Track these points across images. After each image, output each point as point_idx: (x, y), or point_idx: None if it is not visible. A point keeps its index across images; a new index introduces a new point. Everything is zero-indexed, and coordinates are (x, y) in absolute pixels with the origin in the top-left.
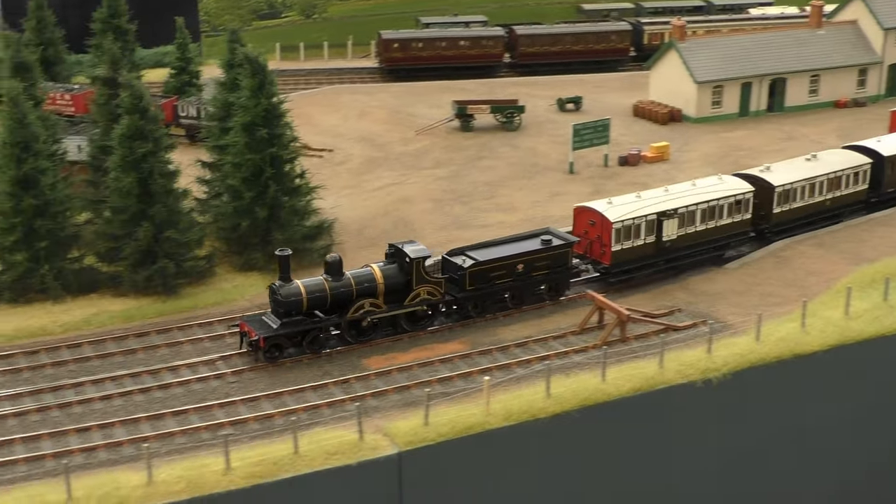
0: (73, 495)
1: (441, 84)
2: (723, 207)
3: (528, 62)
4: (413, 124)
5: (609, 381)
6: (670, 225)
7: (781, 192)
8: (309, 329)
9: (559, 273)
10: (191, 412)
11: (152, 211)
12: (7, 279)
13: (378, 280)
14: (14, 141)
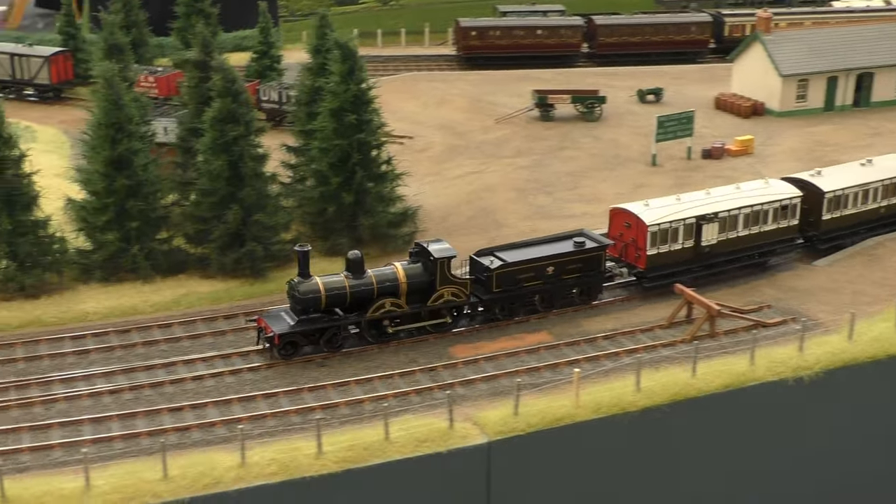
0: (169, 474)
1: (518, 73)
2: (767, 213)
3: (607, 52)
4: (492, 113)
5: (699, 377)
6: (710, 229)
7: (832, 198)
8: (326, 327)
9: (591, 277)
10: (281, 395)
11: (242, 194)
12: (99, 258)
13: (401, 279)
14: (108, 122)
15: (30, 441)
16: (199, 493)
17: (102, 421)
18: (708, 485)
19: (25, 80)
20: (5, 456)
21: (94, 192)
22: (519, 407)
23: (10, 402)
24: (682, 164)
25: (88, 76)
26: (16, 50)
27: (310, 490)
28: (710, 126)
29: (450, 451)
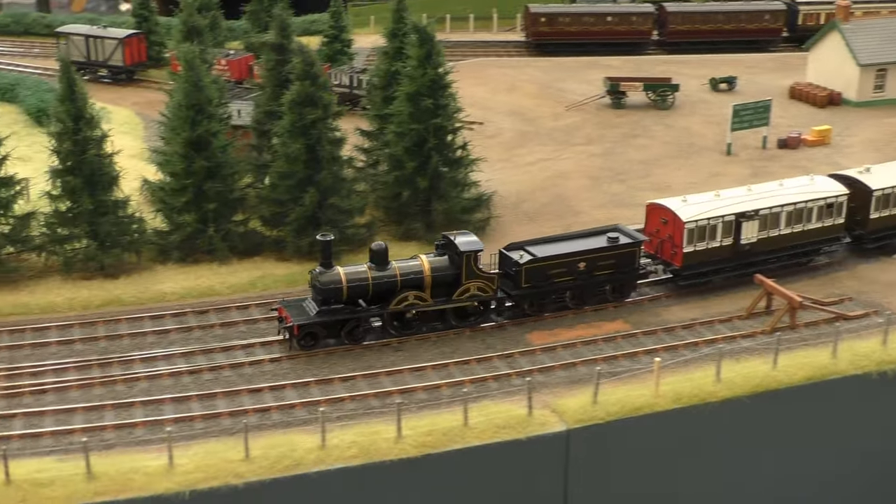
0: (251, 454)
1: (588, 60)
2: (811, 210)
3: (677, 40)
4: (562, 99)
5: (780, 369)
6: (750, 227)
7: (880, 196)
8: (347, 319)
9: (625, 273)
10: (358, 378)
11: (318, 177)
12: (176, 239)
13: (425, 272)
14: (189, 103)
15: (113, 419)
16: (280, 475)
17: (183, 400)
18: (787, 478)
19: (100, 62)
20: (91, 433)
21: (172, 173)
22: (598, 395)
23: (94, 379)
24: (757, 154)
25: (161, 58)
26: (91, 32)
27: (389, 474)
28: (784, 115)
29: (529, 438)
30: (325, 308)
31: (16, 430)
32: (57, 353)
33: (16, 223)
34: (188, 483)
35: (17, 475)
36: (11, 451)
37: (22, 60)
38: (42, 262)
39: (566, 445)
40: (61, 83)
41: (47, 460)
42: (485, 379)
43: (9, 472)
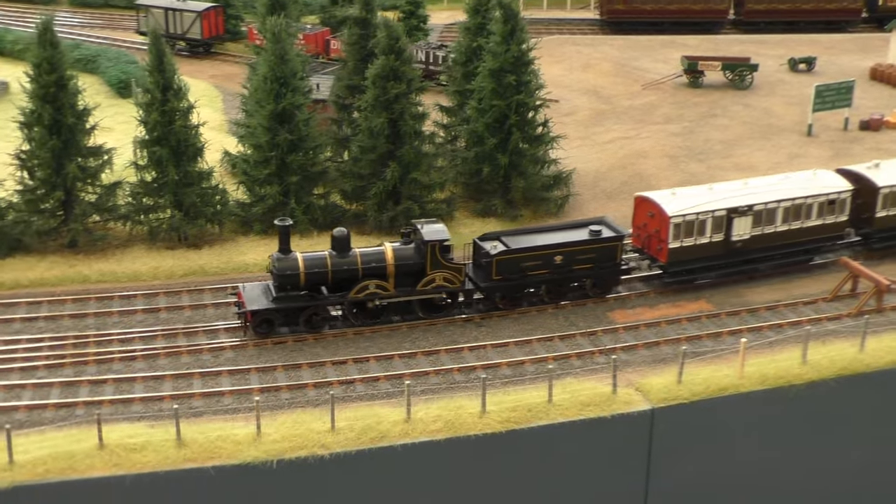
0: (336, 425)
1: (663, 39)
2: (811, 207)
3: (754, 20)
4: (638, 78)
5: (868, 352)
6: (742, 223)
7: (888, 193)
8: (304, 307)
9: (606, 269)
10: (441, 353)
11: (400, 152)
12: (258, 211)
13: (388, 261)
14: (274, 76)
15: (201, 387)
16: (365, 446)
17: (268, 371)
18: (872, 464)
19: (178, 35)
20: (180, 400)
21: (256, 145)
22: (683, 375)
23: (181, 348)
24: (839, 136)
25: (238, 31)
26: (170, 5)
27: (474, 448)
28: (865, 97)
29: (613, 417)
30: (281, 294)
31: (107, 396)
32: (143, 320)
33: (102, 192)
34: (275, 452)
35: (109, 440)
36: (104, 416)
37: (101, 32)
38: (127, 231)
39: (650, 424)
40: (150, 54)
41: (138, 426)
42: (568, 356)
43: (102, 436)
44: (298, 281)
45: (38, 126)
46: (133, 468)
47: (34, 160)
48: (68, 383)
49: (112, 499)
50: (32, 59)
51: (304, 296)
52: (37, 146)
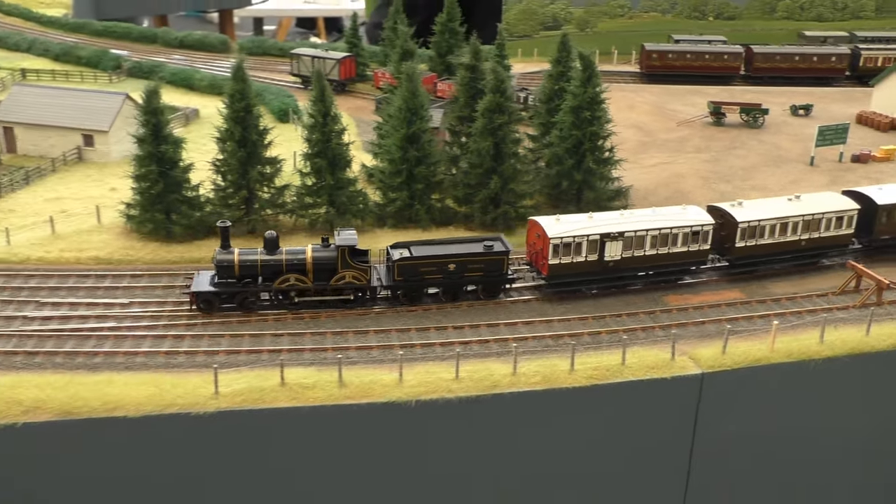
0: (459, 375)
1: (689, 88)
2: (677, 236)
3: (760, 75)
4: (672, 117)
5: (872, 336)
6: (613, 246)
7: (745, 227)
8: (238, 292)
9: (493, 277)
10: (536, 323)
11: (502, 168)
12: (392, 210)
13: (308, 259)
14: (407, 107)
15: (355, 342)
16: (483, 392)
17: (405, 332)
18: (877, 426)
19: None
20: (341, 351)
21: (390, 160)
22: (727, 347)
23: (336, 311)
24: (835, 166)
25: (365, 75)
26: (316, 53)
27: (565, 398)
28: (853, 136)
29: (673, 378)
30: (220, 281)
31: (284, 346)
32: None
33: (275, 192)
34: (414, 394)
35: (288, 379)
36: (283, 361)
37: (261, 73)
38: (292, 222)
39: (700, 386)
40: (315, 89)
41: (309, 370)
42: (634, 329)
43: (283, 376)
44: (233, 271)
45: (230, 141)
46: (307, 401)
47: (226, 167)
48: (255, 335)
49: (292, 424)
50: (228, 91)
51: (237, 283)
52: (228, 156)
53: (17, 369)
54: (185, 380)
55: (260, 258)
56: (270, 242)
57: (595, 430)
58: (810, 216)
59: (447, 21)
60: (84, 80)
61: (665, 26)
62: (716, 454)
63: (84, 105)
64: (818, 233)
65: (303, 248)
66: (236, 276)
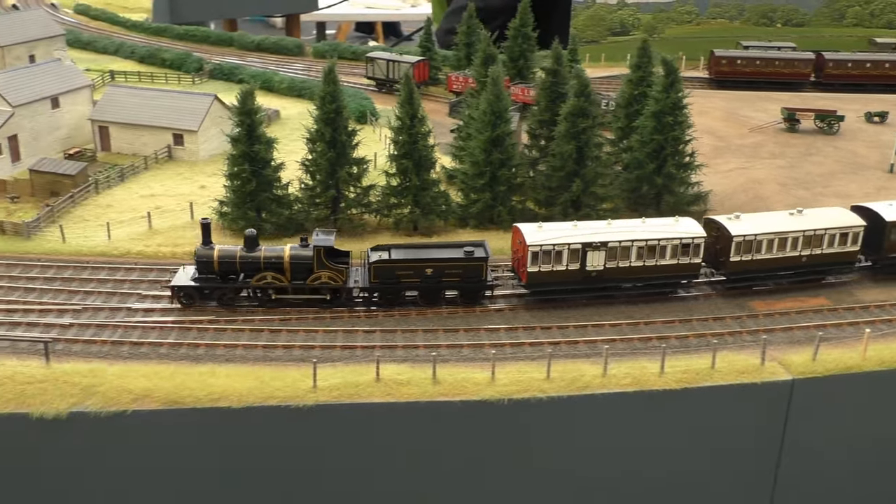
0: (551, 375)
1: (759, 94)
2: (665, 248)
3: (831, 81)
4: (744, 123)
5: None
6: (596, 256)
7: (741, 241)
8: (217, 287)
9: (471, 283)
10: (623, 326)
11: (584, 171)
12: (475, 210)
13: (285, 258)
14: (492, 110)
15: (445, 340)
16: (574, 393)
17: (494, 332)
18: None
19: (395, 80)
20: (433, 348)
21: (474, 162)
22: (817, 354)
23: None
24: None
25: (438, 79)
26: (390, 57)
27: (654, 401)
28: None
29: (763, 383)
30: (200, 276)
31: (377, 342)
32: None
33: (361, 192)
34: (506, 393)
35: (383, 375)
36: (377, 357)
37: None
38: (377, 222)
39: (790, 392)
40: (402, 92)
41: (403, 366)
42: (721, 334)
43: (379, 372)
44: (213, 267)
45: (319, 142)
46: (401, 397)
47: (314, 167)
48: (348, 331)
49: (387, 419)
50: (319, 93)
51: (217, 279)
52: (318, 156)
53: (124, 359)
54: (283, 373)
55: (238, 255)
56: (249, 240)
57: (683, 433)
58: (811, 232)
59: (520, 26)
60: (168, 81)
61: (733, 32)
62: (804, 461)
63: (174, 105)
64: (820, 249)
65: (282, 248)
66: (216, 272)
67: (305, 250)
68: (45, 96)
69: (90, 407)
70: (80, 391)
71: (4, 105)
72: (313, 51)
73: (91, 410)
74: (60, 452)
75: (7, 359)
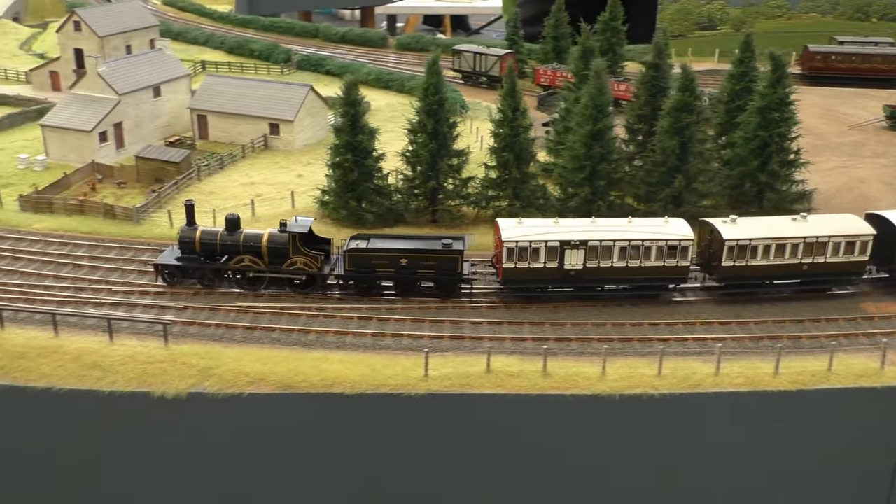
0: (662, 372)
1: (855, 91)
2: (650, 249)
3: None
4: (843, 120)
5: None
6: (574, 255)
7: (734, 245)
8: (198, 267)
9: (446, 275)
10: (732, 324)
11: (687, 167)
12: (573, 205)
13: (263, 242)
14: (594, 104)
15: (552, 334)
16: (686, 391)
17: (601, 325)
18: None
19: (481, 72)
20: (540, 342)
21: (574, 156)
22: None
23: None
24: None
25: (524, 72)
26: (477, 50)
27: (768, 401)
28: None
29: (883, 388)
30: (182, 256)
31: (485, 334)
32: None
33: (459, 183)
34: (617, 388)
35: (494, 367)
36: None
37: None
38: (475, 213)
39: None
40: (506, 84)
41: (512, 358)
42: (836, 336)
43: (489, 364)
44: (194, 247)
45: (421, 133)
46: (512, 389)
47: (416, 157)
48: (455, 322)
49: (497, 409)
50: (422, 84)
51: (198, 259)
52: (419, 147)
53: (237, 343)
54: (394, 361)
55: (219, 237)
56: (230, 223)
57: (797, 434)
58: (813, 238)
59: (609, 19)
60: (258, 72)
61: (825, 27)
62: None
63: (270, 95)
64: (823, 257)
65: (261, 232)
66: (197, 252)
67: (283, 236)
68: (148, 85)
69: (208, 388)
70: (198, 372)
71: (111, 93)
72: (397, 43)
73: (209, 392)
74: (179, 431)
75: (127, 339)
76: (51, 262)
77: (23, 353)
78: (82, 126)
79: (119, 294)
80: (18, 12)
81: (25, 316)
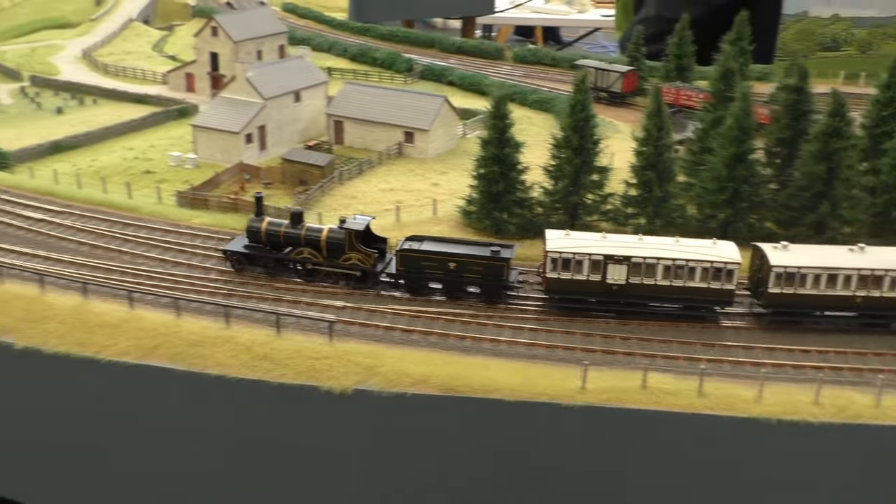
0: (820, 401)
1: None
2: (694, 270)
3: None
4: None
5: None
6: (617, 270)
7: (782, 272)
8: (262, 256)
9: (491, 282)
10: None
11: (834, 193)
12: (713, 225)
13: (322, 237)
14: (739, 126)
15: (704, 354)
16: (845, 420)
17: (751, 349)
18: None
19: (603, 88)
20: (693, 361)
21: (715, 177)
22: None
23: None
24: None
25: (645, 89)
26: (600, 65)
27: None
28: None
29: None
30: (250, 244)
31: (636, 350)
32: None
33: (599, 199)
34: (773, 413)
35: (650, 384)
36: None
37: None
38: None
39: None
40: (652, 104)
41: (666, 376)
42: None
43: (646, 380)
44: (260, 237)
45: (566, 149)
46: (669, 407)
47: (559, 172)
48: (606, 336)
49: (653, 427)
50: (570, 101)
51: (263, 248)
52: (563, 162)
53: (397, 343)
54: (549, 371)
55: (283, 229)
56: (295, 216)
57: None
58: (869, 272)
59: (735, 39)
60: (381, 79)
61: None
62: None
63: (405, 104)
64: (880, 291)
65: (322, 227)
66: (263, 242)
67: (340, 232)
68: (290, 90)
69: (373, 386)
70: (364, 370)
71: (257, 97)
72: (513, 55)
73: (374, 389)
74: (344, 426)
75: (294, 334)
76: (213, 257)
77: (199, 341)
78: (230, 127)
79: (281, 290)
80: (148, 15)
81: (197, 307)
